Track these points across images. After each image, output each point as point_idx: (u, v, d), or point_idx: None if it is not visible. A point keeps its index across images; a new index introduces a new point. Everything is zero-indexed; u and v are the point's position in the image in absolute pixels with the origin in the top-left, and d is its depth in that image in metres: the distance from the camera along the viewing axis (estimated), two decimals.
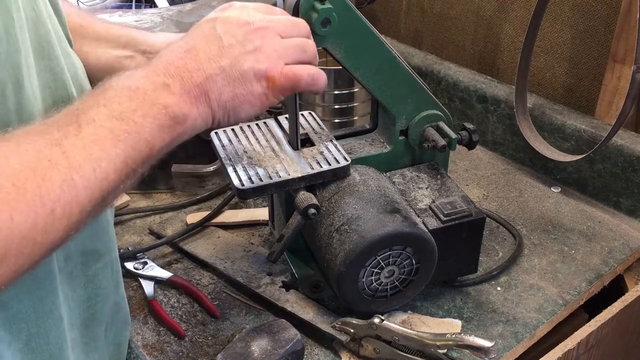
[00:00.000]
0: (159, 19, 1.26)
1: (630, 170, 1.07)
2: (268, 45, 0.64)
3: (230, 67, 0.61)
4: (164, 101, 0.57)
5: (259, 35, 0.64)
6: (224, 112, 0.62)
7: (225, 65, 0.61)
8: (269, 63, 0.63)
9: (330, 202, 0.83)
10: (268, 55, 0.63)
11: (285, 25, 0.67)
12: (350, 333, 0.81)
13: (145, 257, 0.97)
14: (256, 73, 0.63)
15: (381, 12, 1.64)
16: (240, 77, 0.62)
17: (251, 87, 0.63)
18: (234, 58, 0.62)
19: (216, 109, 0.61)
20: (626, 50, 1.10)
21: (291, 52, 0.65)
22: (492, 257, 0.99)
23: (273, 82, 0.64)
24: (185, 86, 0.59)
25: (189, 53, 0.61)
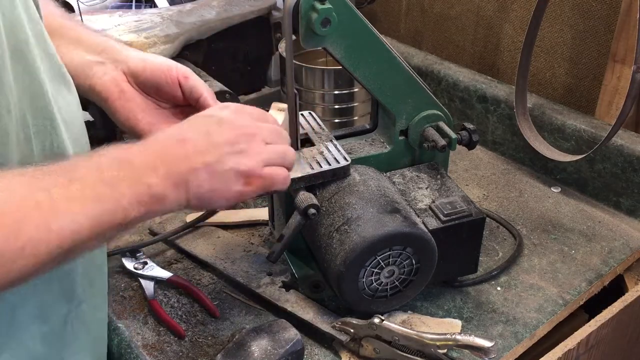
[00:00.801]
0: (159, 19, 1.26)
1: (630, 170, 1.07)
2: (252, 149, 0.70)
3: (214, 163, 0.67)
4: (149, 180, 0.62)
5: (246, 139, 0.70)
6: (199, 202, 0.67)
7: (210, 161, 0.66)
8: (250, 165, 0.69)
9: (330, 202, 0.83)
10: (251, 157, 0.69)
11: (271, 133, 0.73)
12: (350, 333, 0.81)
13: (145, 257, 0.97)
14: (236, 173, 0.68)
15: (381, 12, 1.64)
16: (221, 175, 0.67)
17: (229, 185, 0.68)
18: (219, 156, 0.67)
19: (191, 198, 0.66)
20: (626, 50, 1.10)
21: (272, 156, 0.72)
22: (492, 257, 0.99)
23: (250, 182, 0.69)
24: (170, 172, 0.64)
25: (180, 142, 0.66)
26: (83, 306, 0.76)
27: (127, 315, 0.89)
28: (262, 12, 1.34)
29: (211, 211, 1.04)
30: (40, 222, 0.54)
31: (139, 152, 0.64)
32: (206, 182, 0.66)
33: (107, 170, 0.60)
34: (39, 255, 0.54)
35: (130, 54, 0.81)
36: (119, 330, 0.86)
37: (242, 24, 1.31)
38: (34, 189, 0.55)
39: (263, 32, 1.37)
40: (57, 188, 0.56)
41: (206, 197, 0.67)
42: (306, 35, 0.80)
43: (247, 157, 0.69)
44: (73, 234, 0.56)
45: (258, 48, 1.38)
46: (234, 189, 0.69)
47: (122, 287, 0.94)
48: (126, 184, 0.60)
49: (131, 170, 0.61)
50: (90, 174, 0.59)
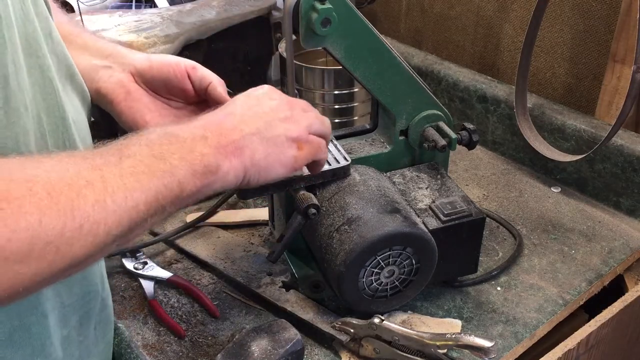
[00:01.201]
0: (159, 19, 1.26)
1: (630, 170, 1.07)
2: (296, 116, 0.71)
3: (265, 129, 0.67)
4: (201, 150, 0.61)
5: (289, 107, 0.71)
6: (256, 170, 0.67)
7: (260, 127, 0.67)
8: (299, 130, 0.70)
9: (330, 202, 0.83)
10: (297, 123, 0.71)
11: (303, 103, 0.75)
12: (350, 333, 0.81)
13: (145, 257, 0.97)
14: (288, 137, 0.69)
15: (381, 12, 1.64)
16: (273, 139, 0.68)
17: (283, 149, 0.69)
18: (268, 122, 0.68)
19: (249, 166, 0.66)
20: (626, 50, 1.10)
21: (315, 122, 0.73)
22: (492, 257, 0.99)
23: (301, 147, 0.71)
24: (221, 141, 0.64)
25: (227, 115, 0.67)
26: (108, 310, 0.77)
27: (127, 315, 0.89)
28: (262, 12, 1.34)
29: (211, 211, 1.04)
30: (95, 200, 0.52)
31: (187, 128, 0.63)
32: (260, 147, 0.66)
33: (157, 144, 0.59)
34: (98, 234, 0.52)
35: (136, 55, 0.81)
36: (119, 330, 0.86)
37: (242, 24, 1.31)
38: (84, 168, 0.53)
39: (263, 32, 1.37)
40: (108, 166, 0.55)
41: (262, 163, 0.67)
42: (306, 35, 0.80)
43: (294, 122, 0.70)
44: (130, 210, 0.54)
45: (258, 48, 1.38)
46: (289, 153, 0.69)
47: (122, 287, 0.94)
48: (178, 156, 0.59)
49: (181, 142, 0.61)
50: (140, 150, 0.58)
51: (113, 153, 0.57)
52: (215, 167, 0.62)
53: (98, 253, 0.54)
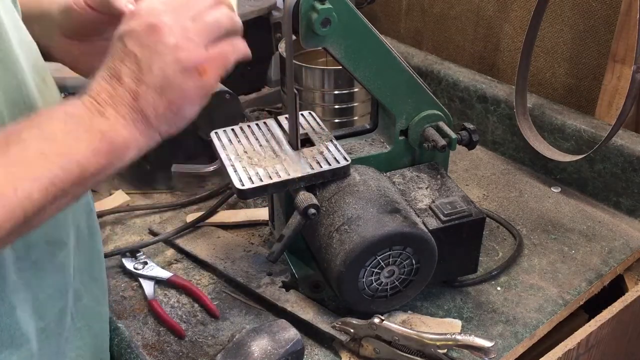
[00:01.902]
0: None
1: (630, 170, 1.07)
2: (182, 38, 0.59)
3: (154, 77, 0.58)
4: (100, 127, 0.56)
5: (169, 32, 0.59)
6: (167, 122, 0.60)
7: (148, 79, 0.58)
8: (190, 55, 0.59)
9: (330, 202, 0.83)
10: (186, 48, 0.59)
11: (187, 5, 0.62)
12: (350, 333, 0.81)
13: (145, 257, 0.97)
14: (182, 71, 0.59)
15: (381, 12, 1.64)
16: (168, 83, 0.59)
17: (184, 87, 0.59)
18: (154, 68, 0.58)
19: (157, 124, 0.59)
20: (626, 50, 1.10)
21: (206, 32, 0.61)
22: (492, 257, 0.99)
23: (204, 70, 0.60)
24: (118, 111, 0.57)
25: (112, 79, 0.59)
26: (84, 300, 0.76)
27: (127, 315, 0.89)
28: (262, 12, 1.33)
29: (212, 210, 1.04)
30: None
31: (80, 104, 0.57)
32: (159, 100, 0.58)
33: (48, 125, 0.54)
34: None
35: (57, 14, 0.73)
36: (119, 330, 0.86)
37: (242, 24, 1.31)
38: None
39: (263, 32, 1.37)
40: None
41: (169, 114, 0.59)
42: (306, 35, 0.80)
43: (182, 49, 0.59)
44: (23, 201, 0.51)
45: (258, 48, 1.37)
46: (191, 87, 0.60)
47: (122, 287, 0.94)
48: (73, 135, 0.55)
49: (76, 120, 0.55)
50: (30, 134, 0.53)
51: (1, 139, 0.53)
52: (121, 142, 0.57)
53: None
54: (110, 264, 0.97)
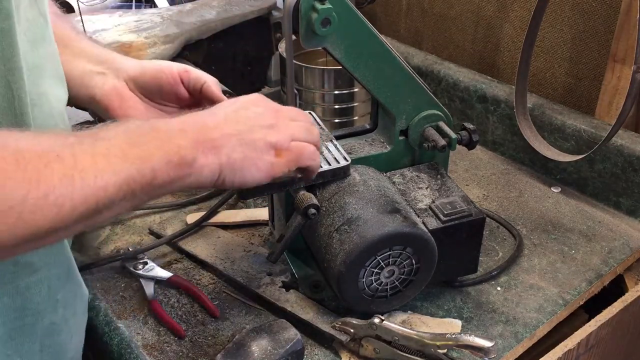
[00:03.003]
0: (159, 19, 1.26)
1: (630, 170, 1.07)
2: (280, 124, 0.71)
3: (245, 132, 0.67)
4: (178, 142, 0.62)
5: (274, 115, 0.71)
6: (231, 170, 0.66)
7: (241, 129, 0.67)
8: (279, 137, 0.70)
9: (330, 202, 0.83)
10: (280, 131, 0.71)
11: (293, 112, 0.75)
12: (350, 333, 0.81)
13: (145, 257, 0.97)
14: (267, 143, 0.69)
15: (381, 12, 1.64)
16: (252, 143, 0.67)
17: (261, 154, 0.68)
18: (250, 126, 0.68)
19: (225, 164, 0.65)
20: (626, 50, 1.10)
21: (299, 131, 0.73)
22: (492, 257, 0.99)
23: (280, 154, 0.70)
24: (200, 137, 0.64)
25: (210, 114, 0.68)
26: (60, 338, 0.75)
27: (127, 315, 0.89)
28: (262, 12, 1.34)
29: (212, 210, 1.04)
30: (63, 174, 0.52)
31: (167, 121, 0.64)
32: (238, 148, 0.66)
33: (134, 132, 0.60)
34: (62, 208, 0.52)
35: (130, 62, 0.82)
36: (119, 330, 0.86)
37: (242, 24, 1.31)
38: (57, 143, 0.54)
39: (263, 32, 1.37)
40: (82, 145, 0.55)
41: (238, 165, 0.66)
42: (306, 35, 0.80)
43: (276, 130, 0.70)
44: (98, 190, 0.54)
45: (258, 48, 1.38)
46: (266, 159, 0.69)
47: (122, 287, 0.94)
48: (154, 144, 0.60)
49: (159, 132, 0.61)
50: (117, 135, 0.58)
51: (88, 135, 0.57)
52: (191, 160, 0.62)
53: (62, 229, 0.54)
54: (111, 263, 0.97)
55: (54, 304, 0.73)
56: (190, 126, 0.64)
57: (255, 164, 0.68)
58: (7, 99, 0.60)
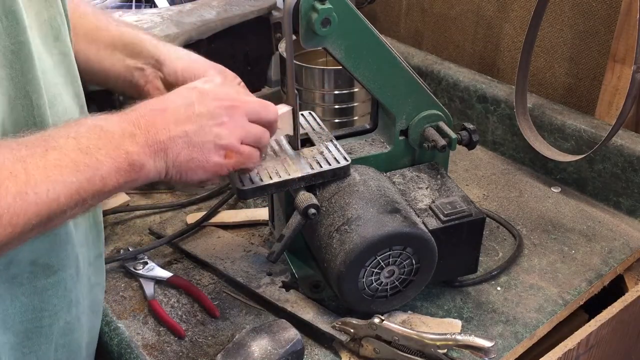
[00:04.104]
0: (159, 19, 1.26)
1: (630, 170, 1.07)
2: (233, 122, 0.70)
3: (194, 133, 0.67)
4: (127, 148, 0.62)
5: (228, 112, 0.70)
6: (177, 171, 0.67)
7: (189, 130, 0.67)
8: (229, 139, 0.70)
9: (330, 202, 0.83)
10: (231, 132, 0.70)
11: (255, 107, 0.74)
12: (350, 333, 0.81)
13: (146, 257, 0.97)
14: (216, 145, 0.69)
15: (381, 12, 1.64)
16: (200, 145, 0.68)
17: (208, 156, 0.68)
18: (199, 126, 0.68)
19: (170, 167, 0.66)
20: (626, 50, 1.10)
21: (250, 135, 0.72)
22: (492, 257, 0.99)
23: (230, 155, 0.70)
24: (148, 140, 0.64)
25: (161, 112, 0.66)
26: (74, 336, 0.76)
27: (127, 315, 0.89)
28: (262, 12, 1.33)
29: (212, 210, 1.04)
30: (17, 192, 0.54)
31: (117, 121, 0.64)
32: (185, 151, 0.66)
33: (85, 138, 0.60)
34: (17, 225, 0.54)
35: (164, 57, 0.83)
36: (119, 330, 0.86)
37: (242, 24, 1.31)
38: (9, 159, 0.55)
39: (263, 32, 1.37)
40: (34, 158, 0.56)
41: (184, 166, 0.67)
42: (306, 35, 0.80)
43: (227, 130, 0.69)
44: (51, 202, 0.56)
45: (258, 48, 1.38)
46: (213, 160, 0.69)
47: (122, 287, 0.94)
48: (104, 151, 0.60)
49: (109, 138, 0.61)
50: (67, 143, 0.59)
51: (39, 144, 0.57)
52: (139, 166, 0.63)
53: (15, 241, 0.55)
54: (111, 264, 0.97)
55: (68, 304, 0.73)
56: (139, 127, 0.64)
57: (202, 165, 0.68)
58: (27, 108, 0.61)
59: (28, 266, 0.67)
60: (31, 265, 0.67)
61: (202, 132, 0.68)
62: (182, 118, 0.67)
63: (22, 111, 0.61)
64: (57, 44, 0.67)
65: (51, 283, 0.70)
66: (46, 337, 0.72)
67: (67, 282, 0.72)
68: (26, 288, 0.68)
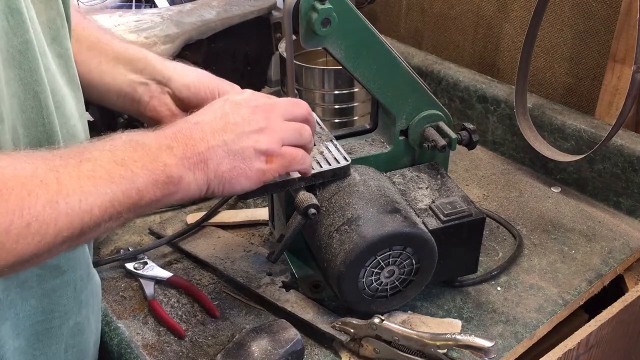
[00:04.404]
0: (159, 19, 1.26)
1: (630, 170, 1.07)
2: (270, 126, 0.69)
3: (232, 141, 0.66)
4: (164, 160, 0.61)
5: (264, 117, 0.69)
6: (220, 182, 0.66)
7: (228, 139, 0.66)
8: (269, 143, 0.68)
9: (330, 202, 0.83)
10: (269, 135, 0.69)
11: (287, 106, 0.73)
12: (350, 333, 0.81)
13: (146, 257, 0.97)
14: (256, 150, 0.67)
15: (381, 12, 1.64)
16: (240, 152, 0.66)
17: (250, 163, 0.67)
18: (237, 134, 0.67)
19: (212, 178, 0.65)
20: (626, 50, 1.10)
21: (290, 134, 0.71)
22: (492, 257, 0.99)
23: (271, 160, 0.69)
24: (187, 152, 0.63)
25: (196, 125, 0.65)
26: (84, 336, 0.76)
27: (127, 315, 0.89)
28: (262, 12, 1.34)
29: (213, 210, 1.04)
30: (47, 200, 0.52)
31: (154, 135, 0.63)
32: (225, 160, 0.65)
33: (121, 150, 0.59)
34: (46, 234, 0.52)
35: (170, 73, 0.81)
36: (119, 330, 0.86)
37: (242, 24, 1.31)
38: (42, 168, 0.53)
39: (263, 32, 1.37)
40: (66, 168, 0.54)
41: (227, 176, 0.66)
42: (306, 35, 0.80)
43: (266, 135, 0.68)
44: (83, 214, 0.54)
45: (258, 48, 1.38)
46: (255, 167, 0.68)
47: (122, 287, 0.94)
48: (140, 164, 0.59)
49: (145, 150, 0.60)
50: (102, 155, 0.58)
51: (73, 155, 0.56)
52: (177, 179, 0.61)
53: (46, 253, 0.54)
54: (111, 264, 0.97)
55: (78, 305, 0.73)
56: (176, 140, 0.63)
57: (244, 173, 0.67)
58: (36, 110, 0.60)
59: (37, 269, 0.66)
60: (39, 268, 0.66)
61: (240, 139, 0.66)
62: (218, 128, 0.66)
63: (32, 113, 0.60)
64: (54, 45, 0.66)
65: (59, 284, 0.69)
66: (56, 338, 0.71)
67: (77, 283, 0.72)
68: (35, 291, 0.67)
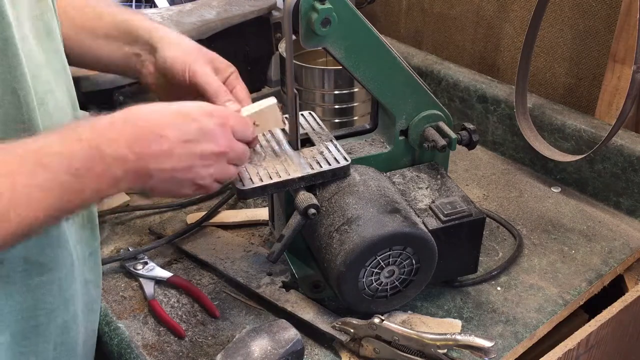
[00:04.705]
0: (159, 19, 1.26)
1: (630, 170, 1.07)
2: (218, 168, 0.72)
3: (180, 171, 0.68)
4: (115, 172, 0.63)
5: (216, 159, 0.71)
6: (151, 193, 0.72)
7: (178, 167, 0.68)
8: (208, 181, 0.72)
9: (330, 202, 0.83)
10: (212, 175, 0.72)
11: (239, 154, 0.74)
12: (350, 333, 0.81)
13: (146, 257, 0.97)
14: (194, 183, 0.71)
15: (381, 12, 1.64)
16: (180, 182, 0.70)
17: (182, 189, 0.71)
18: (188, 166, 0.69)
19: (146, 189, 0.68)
20: (626, 50, 1.10)
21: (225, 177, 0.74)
22: (492, 257, 0.99)
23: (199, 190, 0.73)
24: (138, 168, 0.65)
25: (158, 138, 0.66)
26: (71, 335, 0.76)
27: (127, 315, 0.89)
28: (262, 12, 1.34)
29: (212, 210, 1.04)
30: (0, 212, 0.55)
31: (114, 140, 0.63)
32: (165, 184, 0.69)
33: (77, 159, 0.60)
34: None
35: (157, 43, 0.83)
36: (119, 330, 0.86)
37: (242, 24, 1.31)
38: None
39: (263, 32, 1.37)
40: (21, 176, 0.57)
41: (157, 192, 0.70)
42: (306, 35, 0.80)
43: (209, 174, 0.72)
44: (31, 220, 0.57)
45: (258, 48, 1.38)
46: (184, 192, 0.72)
47: (122, 287, 0.94)
48: (92, 174, 0.61)
49: (101, 162, 0.62)
50: (60, 164, 0.59)
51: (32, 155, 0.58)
52: (119, 188, 0.65)
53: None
54: (111, 264, 0.97)
55: (65, 303, 0.73)
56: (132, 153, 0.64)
57: (172, 193, 0.73)
58: (15, 106, 0.61)
59: (21, 264, 0.67)
60: (24, 263, 0.67)
61: (188, 171, 0.69)
62: (175, 153, 0.67)
63: (10, 109, 0.61)
64: (49, 39, 0.67)
65: (44, 281, 0.70)
66: (44, 336, 0.72)
67: (62, 280, 0.72)
68: (19, 286, 0.68)
